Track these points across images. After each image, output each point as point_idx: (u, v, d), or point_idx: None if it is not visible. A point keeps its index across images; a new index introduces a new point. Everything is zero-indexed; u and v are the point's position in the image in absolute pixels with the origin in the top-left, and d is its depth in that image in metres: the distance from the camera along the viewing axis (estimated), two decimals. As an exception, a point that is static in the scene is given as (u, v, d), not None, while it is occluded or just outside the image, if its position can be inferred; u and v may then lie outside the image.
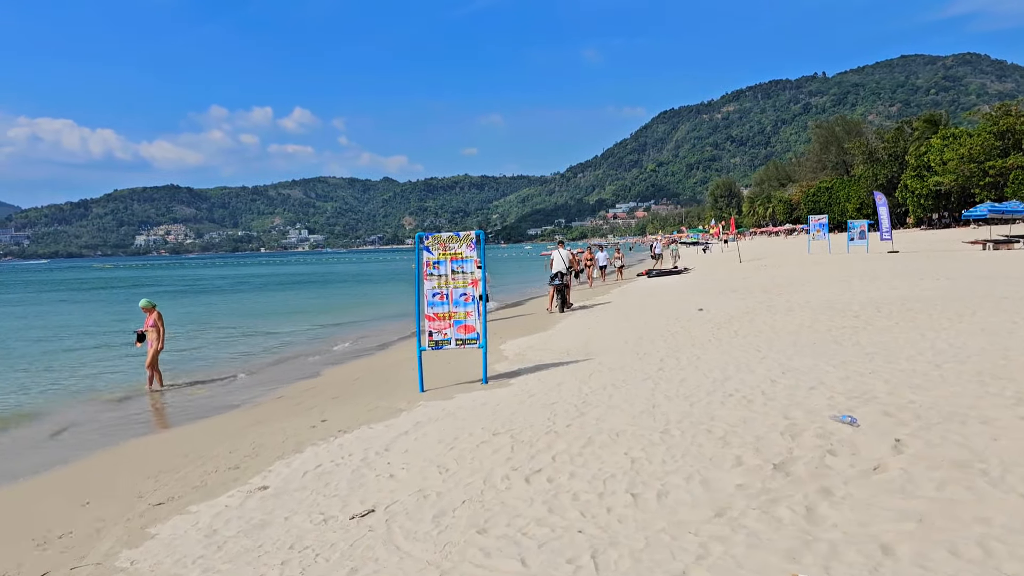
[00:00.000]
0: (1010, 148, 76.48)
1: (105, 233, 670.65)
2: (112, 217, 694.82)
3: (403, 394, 10.53)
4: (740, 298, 18.72)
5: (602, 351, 12.26)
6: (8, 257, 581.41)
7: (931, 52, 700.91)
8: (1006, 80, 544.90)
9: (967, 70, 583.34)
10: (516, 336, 16.07)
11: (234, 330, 24.25)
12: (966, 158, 77.37)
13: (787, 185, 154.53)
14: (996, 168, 74.94)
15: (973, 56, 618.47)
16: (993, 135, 76.81)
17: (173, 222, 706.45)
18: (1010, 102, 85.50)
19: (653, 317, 16.54)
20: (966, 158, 77.37)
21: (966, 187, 79.61)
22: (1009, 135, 76.68)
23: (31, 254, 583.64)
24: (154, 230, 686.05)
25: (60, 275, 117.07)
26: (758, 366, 9.41)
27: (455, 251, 10.64)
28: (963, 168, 77.70)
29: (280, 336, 21.95)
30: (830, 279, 21.47)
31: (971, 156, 76.88)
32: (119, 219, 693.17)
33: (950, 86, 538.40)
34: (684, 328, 13.95)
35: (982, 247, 35.59)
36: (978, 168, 76.54)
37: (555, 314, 20.80)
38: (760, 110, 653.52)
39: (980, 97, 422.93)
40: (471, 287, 10.65)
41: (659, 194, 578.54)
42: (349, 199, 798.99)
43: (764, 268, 31.64)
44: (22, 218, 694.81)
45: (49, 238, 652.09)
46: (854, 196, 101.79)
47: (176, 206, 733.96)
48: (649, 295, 23.59)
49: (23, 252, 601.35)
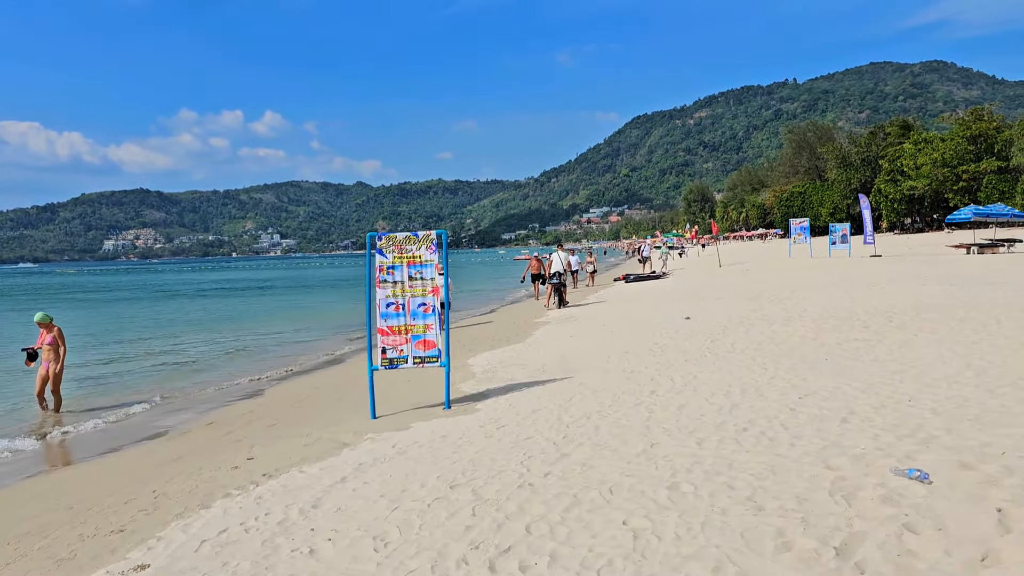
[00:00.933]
0: (983, 152, 76.54)
1: (72, 238, 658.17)
2: (80, 221, 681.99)
3: (351, 421, 8.97)
4: (729, 306, 17.35)
5: (583, 367, 10.79)
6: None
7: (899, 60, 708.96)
8: (972, 87, 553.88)
9: (934, 77, 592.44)
10: (486, 349, 14.55)
11: (178, 339, 22.46)
12: (939, 162, 77.31)
13: (760, 190, 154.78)
14: (969, 172, 74.93)
15: (940, 64, 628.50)
16: (966, 139, 76.83)
17: (142, 226, 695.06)
18: (981, 107, 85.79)
19: (637, 327, 15.12)
20: (939, 162, 77.31)
21: (939, 191, 79.58)
22: (982, 139, 76.77)
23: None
24: (123, 234, 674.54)
25: (15, 281, 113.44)
26: (768, 388, 7.98)
27: (413, 254, 9.10)
28: (936, 172, 77.65)
29: (226, 346, 20.23)
30: (822, 285, 20.20)
31: (944, 160, 76.85)
32: (87, 223, 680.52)
33: (918, 93, 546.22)
34: (673, 340, 12.52)
35: (966, 251, 34.73)
36: (951, 172, 76.50)
37: (537, 321, 19.34)
38: (732, 116, 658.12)
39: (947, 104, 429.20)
40: (431, 296, 9.11)
41: (632, 199, 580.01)
42: (322, 203, 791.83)
43: (746, 273, 30.44)
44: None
45: (14, 242, 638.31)
46: (828, 200, 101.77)
47: (145, 210, 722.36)
48: (629, 301, 22.19)
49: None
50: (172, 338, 23.20)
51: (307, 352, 18.14)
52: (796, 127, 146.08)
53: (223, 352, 19.09)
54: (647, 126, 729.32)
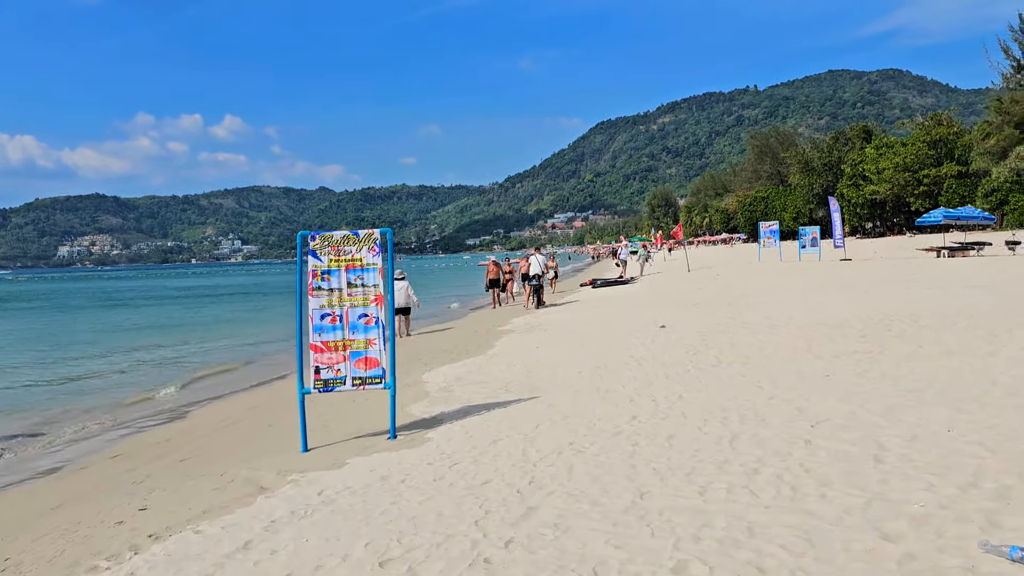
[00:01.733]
0: (943, 157, 77.09)
1: (25, 244, 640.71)
2: (33, 227, 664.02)
3: (279, 454, 7.56)
4: (705, 313, 16.21)
5: (551, 385, 9.51)
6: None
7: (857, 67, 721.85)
8: (927, 95, 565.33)
9: (890, 85, 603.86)
10: (444, 362, 13.20)
11: (110, 351, 20.77)
12: (901, 167, 77.79)
13: (723, 195, 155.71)
14: (930, 177, 75.45)
15: (896, 72, 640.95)
16: (926, 144, 77.38)
17: (99, 232, 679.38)
18: (939, 112, 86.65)
19: (608, 336, 13.88)
20: (901, 167, 77.79)
21: (901, 196, 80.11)
22: (942, 144, 77.35)
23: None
24: (78, 240, 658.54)
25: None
26: (770, 413, 6.76)
27: (352, 256, 7.74)
28: (898, 177, 78.12)
29: (162, 357, 18.63)
30: (800, 289, 19.18)
31: (906, 165, 77.34)
32: (40, 229, 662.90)
33: (875, 100, 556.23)
34: (650, 352, 11.30)
35: (937, 255, 34.23)
36: (913, 177, 77.01)
37: (500, 329, 18.01)
38: (695, 122, 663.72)
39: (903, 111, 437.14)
40: (375, 305, 7.75)
41: (597, 204, 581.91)
42: (284, 209, 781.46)
43: (716, 278, 29.45)
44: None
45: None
46: (790, 205, 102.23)
47: (102, 216, 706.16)
48: (598, 308, 20.99)
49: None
50: (103, 350, 21.48)
51: (254, 364, 16.61)
52: (759, 133, 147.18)
53: (156, 365, 17.49)
54: (611, 132, 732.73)
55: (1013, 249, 32.92)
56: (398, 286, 19.74)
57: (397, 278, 20.21)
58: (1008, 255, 31.32)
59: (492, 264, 27.44)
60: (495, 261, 27.69)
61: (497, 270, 27.10)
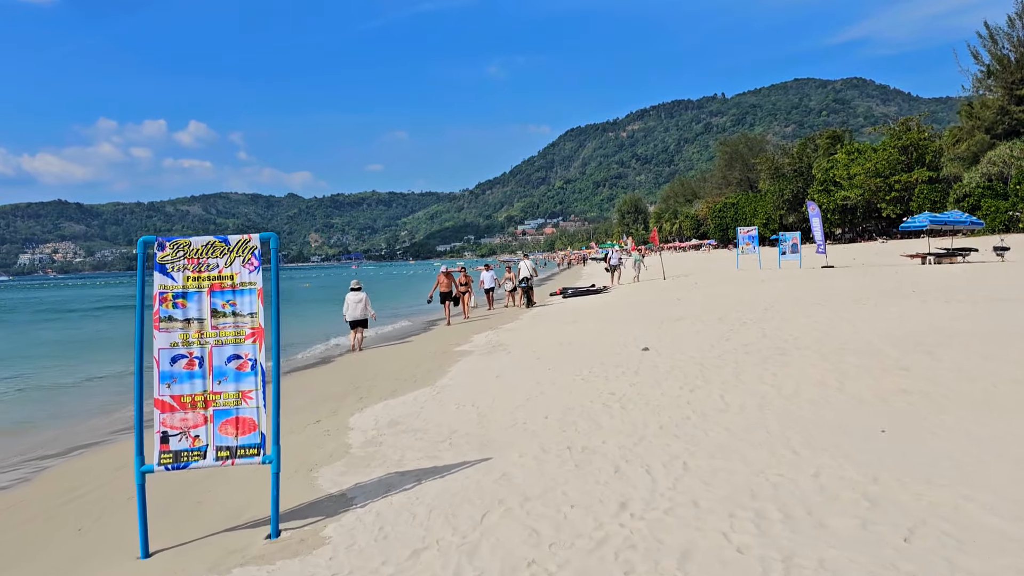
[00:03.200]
0: (914, 163, 76.37)
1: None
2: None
3: (106, 562, 5.19)
4: (694, 330, 14.00)
5: (509, 438, 7.20)
6: None
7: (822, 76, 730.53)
8: (889, 103, 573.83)
9: (855, 93, 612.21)
10: (383, 395, 10.78)
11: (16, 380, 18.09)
12: (872, 172, 77.04)
13: (693, 201, 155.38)
14: (901, 182, 74.71)
15: (860, 80, 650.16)
16: (897, 150, 76.66)
17: (61, 239, 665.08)
18: (909, 117, 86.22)
19: (583, 361, 11.59)
20: (872, 172, 77.04)
21: (872, 201, 79.37)
22: (912, 150, 76.68)
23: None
24: (40, 248, 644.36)
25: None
26: (826, 506, 4.52)
27: (220, 273, 5.39)
28: (869, 183, 77.36)
29: (46, 384, 16.01)
30: (798, 301, 17.06)
31: (877, 171, 76.60)
32: (0, 236, 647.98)
33: (840, 108, 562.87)
34: (634, 387, 9.05)
35: (922, 261, 32.55)
36: (884, 183, 76.28)
37: (458, 350, 15.66)
38: (664, 129, 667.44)
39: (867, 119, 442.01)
40: (251, 343, 5.40)
41: (567, 211, 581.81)
42: (252, 216, 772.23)
43: (696, 286, 27.37)
44: None
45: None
46: (760, 211, 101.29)
47: (64, 223, 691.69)
48: (569, 323, 18.71)
49: None
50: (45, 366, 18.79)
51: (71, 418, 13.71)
52: (728, 140, 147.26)
53: (44, 397, 14.86)
54: (581, 139, 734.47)
55: (1002, 255, 31.30)
56: (355, 297, 18.64)
57: (354, 288, 18.85)
58: (996, 262, 29.68)
59: (442, 275, 24.18)
60: (446, 271, 24.39)
61: (449, 282, 23.95)
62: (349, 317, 18.76)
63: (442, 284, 23.87)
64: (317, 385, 13.58)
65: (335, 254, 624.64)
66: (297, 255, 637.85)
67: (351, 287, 19.08)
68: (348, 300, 18.79)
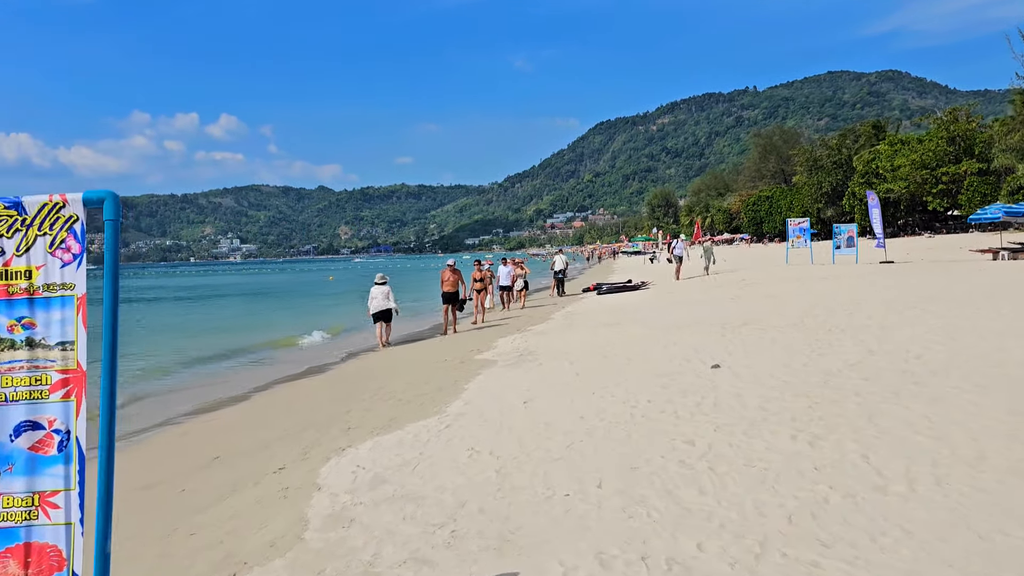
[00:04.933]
0: (962, 154, 72.51)
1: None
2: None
3: None
4: (769, 339, 11.26)
5: (544, 529, 4.57)
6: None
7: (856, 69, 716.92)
8: (926, 96, 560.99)
9: (890, 86, 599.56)
10: (376, 426, 8.20)
11: None
12: (917, 164, 73.28)
13: (725, 194, 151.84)
14: (949, 174, 70.94)
15: (895, 73, 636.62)
16: (944, 140, 72.78)
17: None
18: (957, 107, 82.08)
19: (635, 383, 8.98)
20: (917, 164, 73.28)
21: (916, 194, 75.62)
22: (960, 140, 72.82)
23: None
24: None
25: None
26: None
27: (4, 267, 2.91)
28: (915, 175, 73.62)
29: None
30: (886, 305, 14.21)
31: (923, 162, 72.83)
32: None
33: (874, 101, 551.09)
34: (722, 434, 6.31)
35: (993, 256, 29.43)
36: (930, 175, 72.55)
37: (480, 358, 13.12)
38: (694, 122, 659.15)
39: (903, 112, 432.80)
40: (57, 400, 2.87)
41: (596, 204, 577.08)
42: (283, 208, 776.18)
43: (746, 283, 24.52)
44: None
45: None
46: (796, 205, 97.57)
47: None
48: (609, 326, 16.07)
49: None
50: None
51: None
52: (762, 132, 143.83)
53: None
54: (610, 132, 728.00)
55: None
56: (378, 290, 17.84)
57: (378, 282, 17.99)
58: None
59: (448, 271, 19.59)
60: (452, 267, 19.84)
61: (456, 280, 19.59)
62: (372, 309, 17.91)
63: (447, 282, 19.53)
64: (302, 403, 11.13)
65: (365, 246, 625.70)
66: (327, 247, 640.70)
67: (376, 280, 17.94)
68: (372, 292, 18.02)
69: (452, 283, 19.51)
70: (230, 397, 12.78)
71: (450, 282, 19.50)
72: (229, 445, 8.68)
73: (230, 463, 7.68)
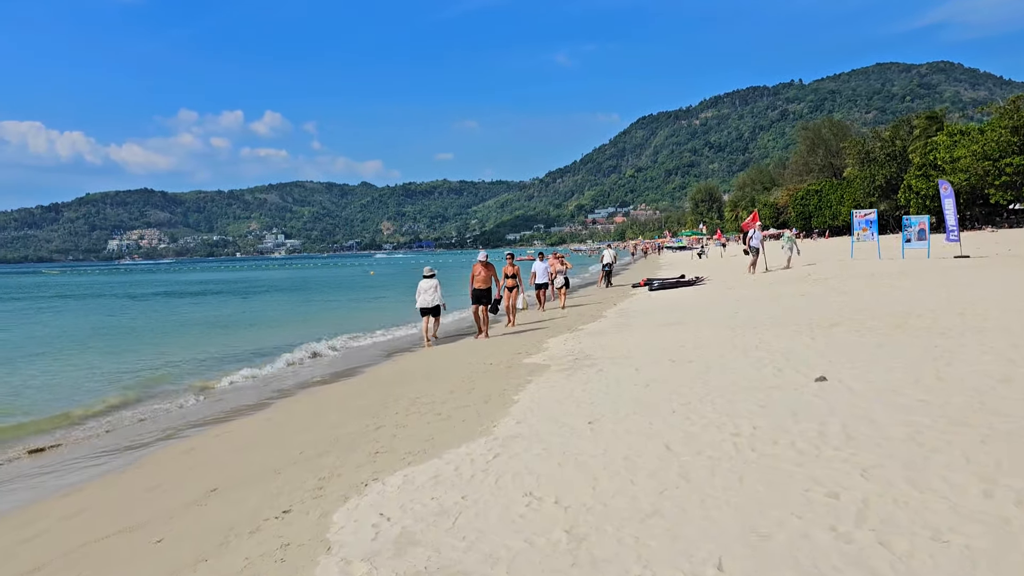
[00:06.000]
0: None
1: (77, 238, 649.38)
2: (84, 221, 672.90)
3: None
4: (874, 343, 9.46)
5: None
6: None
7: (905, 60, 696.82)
8: (979, 88, 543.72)
9: (941, 78, 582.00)
10: (407, 451, 6.75)
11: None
12: (979, 155, 69.93)
13: (771, 189, 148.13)
14: (1013, 166, 67.59)
15: (947, 64, 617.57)
16: (1008, 131, 69.27)
17: (147, 227, 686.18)
18: (1020, 95, 78.24)
19: (723, 398, 7.30)
20: (979, 155, 69.93)
21: (977, 187, 72.23)
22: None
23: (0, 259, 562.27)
24: (127, 234, 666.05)
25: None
26: None
27: None
28: (976, 167, 70.31)
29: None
30: (1000, 307, 12.33)
31: (985, 153, 69.48)
32: (91, 223, 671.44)
33: (925, 93, 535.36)
34: (876, 478, 4.60)
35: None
36: (993, 166, 69.23)
37: (528, 362, 11.56)
38: (738, 116, 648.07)
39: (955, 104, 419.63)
40: None
41: (638, 199, 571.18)
42: (327, 203, 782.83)
43: (811, 278, 22.50)
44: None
45: (19, 243, 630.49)
46: (847, 199, 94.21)
47: (150, 210, 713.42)
48: (670, 325, 14.37)
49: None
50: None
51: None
52: (810, 124, 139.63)
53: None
54: (652, 127, 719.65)
55: None
56: (426, 284, 17.16)
57: (427, 275, 17.39)
58: None
59: (479, 266, 17.44)
60: (484, 261, 17.65)
61: (488, 276, 17.39)
62: (419, 304, 17.27)
63: (479, 278, 17.32)
64: (328, 414, 9.68)
65: (407, 242, 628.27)
66: (370, 243, 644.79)
67: (424, 274, 17.44)
68: (420, 286, 17.33)
69: (484, 279, 17.29)
70: (249, 404, 11.42)
71: (481, 278, 17.26)
72: (233, 470, 7.27)
73: (229, 498, 6.23)
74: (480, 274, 17.24)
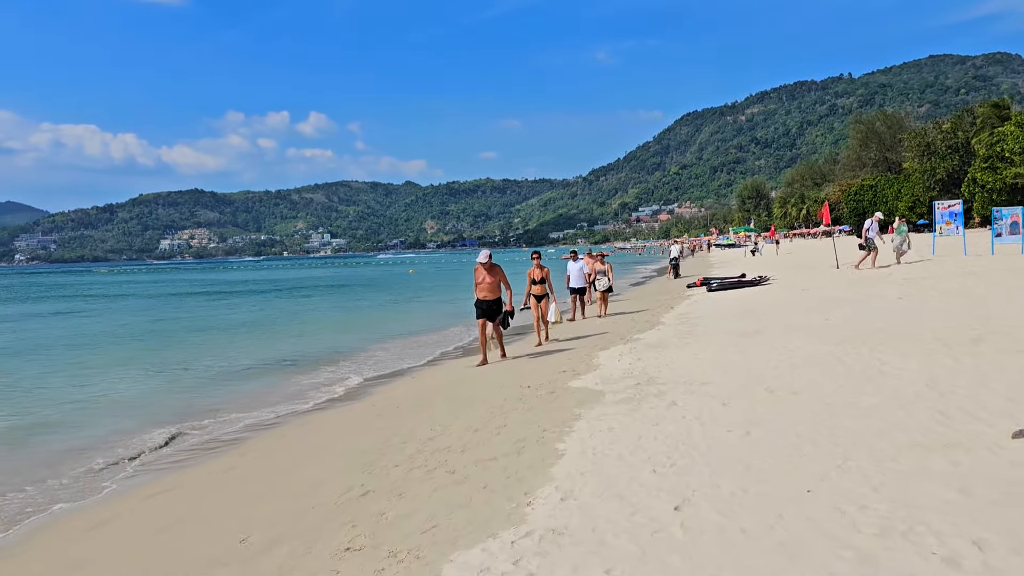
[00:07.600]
0: (1108, 135, 64.44)
1: (130, 237, 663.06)
2: (137, 221, 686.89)
3: None
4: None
5: None
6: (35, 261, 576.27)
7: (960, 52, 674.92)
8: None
9: (998, 69, 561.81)
10: (401, 540, 4.42)
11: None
12: (1054, 145, 65.57)
13: (822, 184, 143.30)
14: (1090, 156, 63.09)
15: (1004, 55, 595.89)
16: (1088, 119, 64.74)
17: (197, 226, 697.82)
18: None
19: (873, 466, 4.78)
20: (1054, 145, 65.57)
21: (1052, 180, 67.76)
22: (1105, 119, 64.76)
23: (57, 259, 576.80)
24: (178, 234, 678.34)
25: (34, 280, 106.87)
26: None
27: None
28: (1051, 157, 65.93)
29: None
30: None
31: (1062, 144, 65.08)
32: (144, 223, 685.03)
33: (981, 86, 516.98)
34: None
35: None
36: (1069, 156, 64.80)
37: (577, 385, 9.12)
38: (785, 111, 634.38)
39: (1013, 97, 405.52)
40: None
41: (683, 197, 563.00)
42: (372, 203, 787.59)
43: (892, 278, 19.61)
44: (48, 222, 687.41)
45: (75, 242, 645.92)
46: (905, 194, 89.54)
47: (200, 210, 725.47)
48: (748, 336, 11.77)
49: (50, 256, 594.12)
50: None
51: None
52: (863, 117, 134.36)
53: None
54: (697, 123, 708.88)
55: None
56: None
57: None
58: None
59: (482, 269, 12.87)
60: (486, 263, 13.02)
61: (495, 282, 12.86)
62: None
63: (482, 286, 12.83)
64: (309, 462, 7.33)
65: (450, 240, 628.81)
66: (414, 241, 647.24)
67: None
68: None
69: (489, 287, 12.75)
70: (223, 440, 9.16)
71: (486, 285, 12.74)
72: (169, 554, 4.94)
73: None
74: (484, 280, 12.76)
